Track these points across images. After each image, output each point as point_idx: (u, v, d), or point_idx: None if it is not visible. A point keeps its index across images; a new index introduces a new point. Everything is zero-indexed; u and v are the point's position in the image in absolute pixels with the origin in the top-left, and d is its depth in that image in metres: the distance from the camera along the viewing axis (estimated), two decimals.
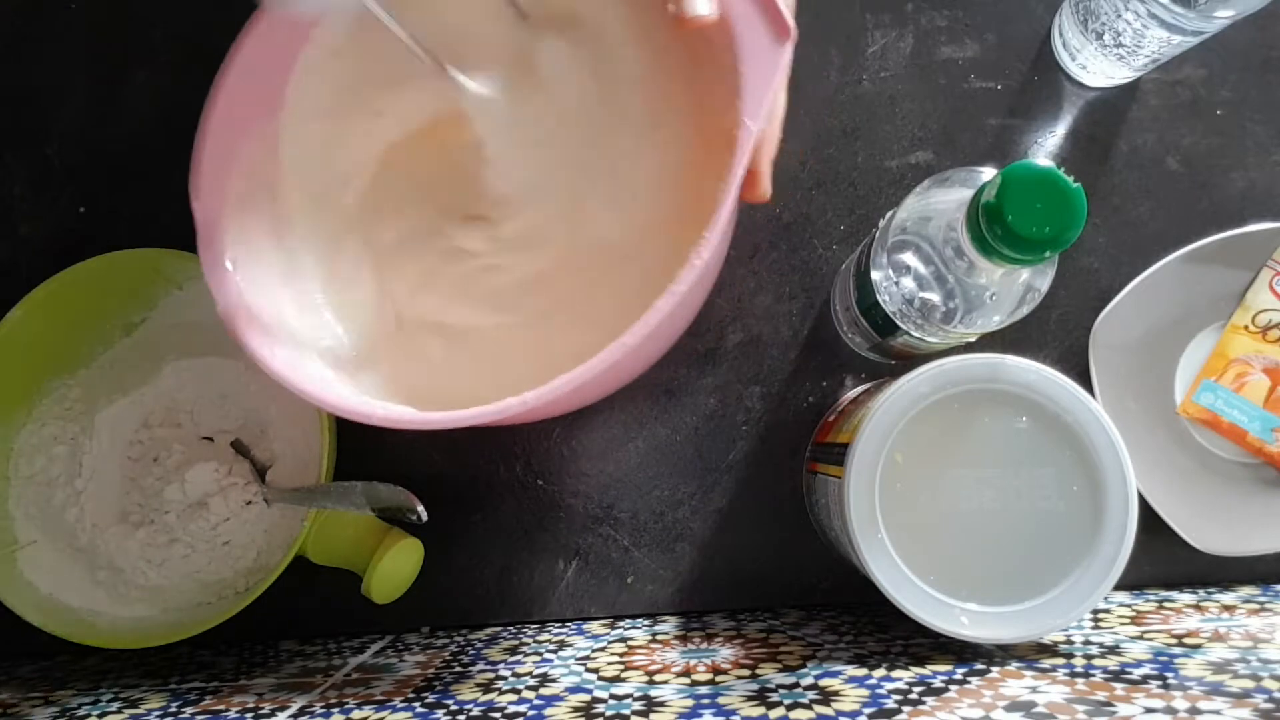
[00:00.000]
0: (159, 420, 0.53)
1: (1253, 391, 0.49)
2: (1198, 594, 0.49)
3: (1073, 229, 0.33)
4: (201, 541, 0.51)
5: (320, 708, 0.41)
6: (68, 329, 0.50)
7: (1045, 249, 0.33)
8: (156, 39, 0.55)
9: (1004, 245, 0.34)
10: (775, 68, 0.38)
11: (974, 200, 0.35)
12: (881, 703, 0.36)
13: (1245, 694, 0.33)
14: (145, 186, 0.54)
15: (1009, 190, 0.33)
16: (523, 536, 0.53)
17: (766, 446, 0.52)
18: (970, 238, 0.35)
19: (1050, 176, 0.33)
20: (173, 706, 0.42)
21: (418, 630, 0.54)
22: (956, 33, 0.53)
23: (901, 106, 0.53)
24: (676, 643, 0.47)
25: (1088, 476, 0.39)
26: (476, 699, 0.40)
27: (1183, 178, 0.52)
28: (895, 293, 0.41)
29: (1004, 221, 0.33)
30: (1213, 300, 0.50)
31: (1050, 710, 0.33)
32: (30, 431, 0.50)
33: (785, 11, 0.38)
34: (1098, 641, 0.41)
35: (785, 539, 0.52)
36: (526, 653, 0.48)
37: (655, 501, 0.53)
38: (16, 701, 0.45)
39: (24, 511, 0.49)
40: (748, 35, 0.39)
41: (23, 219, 0.55)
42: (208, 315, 0.51)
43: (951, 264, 0.38)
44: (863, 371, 0.53)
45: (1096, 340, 0.50)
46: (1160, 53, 0.46)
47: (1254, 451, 0.49)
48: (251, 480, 0.51)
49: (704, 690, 0.39)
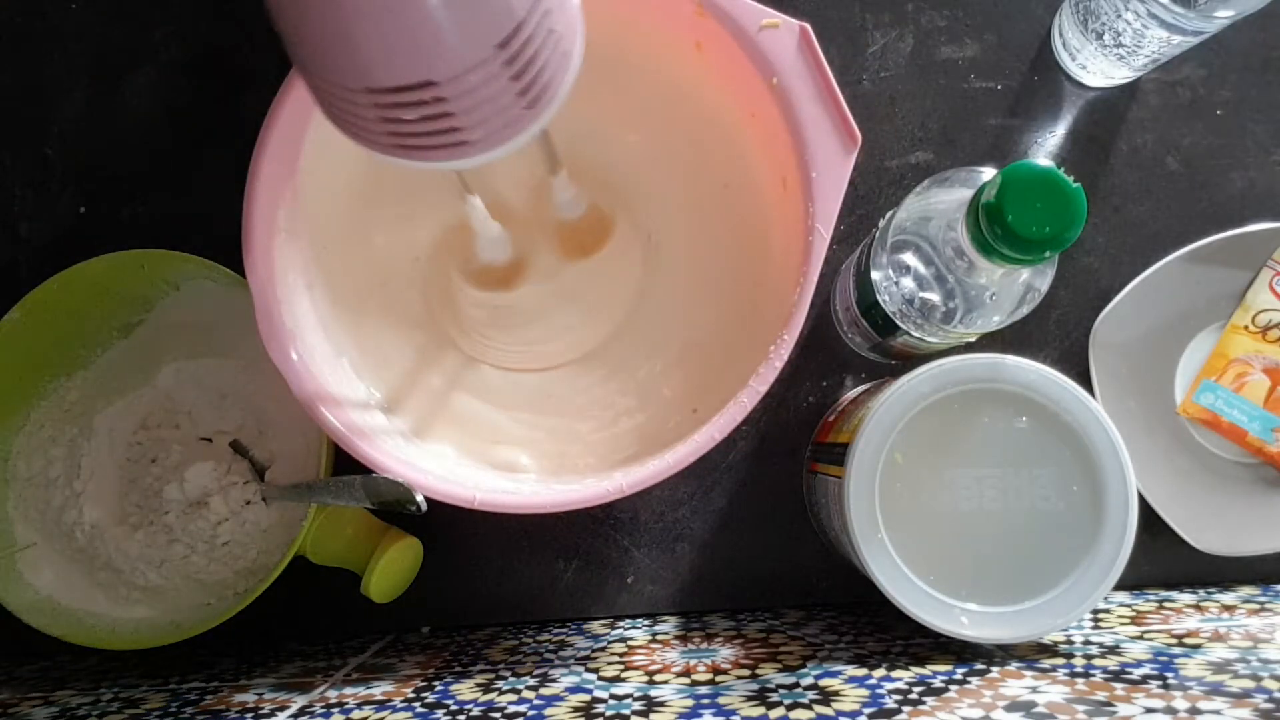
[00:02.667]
0: (157, 421, 0.53)
1: (1253, 391, 0.49)
2: (1198, 594, 0.49)
3: (1073, 229, 0.33)
4: (201, 542, 0.51)
5: (320, 708, 0.41)
6: (66, 330, 0.50)
7: (1045, 249, 0.33)
8: (156, 39, 0.55)
9: (1004, 245, 0.33)
10: (845, 176, 0.39)
11: (974, 200, 0.35)
12: (881, 703, 0.36)
13: (1245, 694, 0.33)
14: (145, 187, 0.54)
15: (1009, 190, 0.33)
16: (523, 536, 0.53)
17: (766, 446, 0.52)
18: (970, 238, 0.35)
19: (1050, 176, 0.33)
20: (173, 706, 0.42)
21: (418, 630, 0.54)
22: (956, 33, 0.53)
23: (901, 106, 0.53)
24: (676, 643, 0.47)
25: (1088, 476, 0.39)
26: (476, 699, 0.40)
27: (1183, 178, 0.52)
28: (895, 293, 0.41)
29: (1004, 221, 0.33)
30: (1213, 300, 0.50)
31: (1050, 710, 0.33)
32: (28, 433, 0.50)
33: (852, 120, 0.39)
34: (1098, 641, 0.41)
35: (785, 539, 0.52)
36: (526, 653, 0.48)
37: (655, 501, 0.53)
38: (16, 701, 0.45)
39: (23, 513, 0.49)
40: (819, 144, 0.40)
41: (23, 219, 0.55)
42: (206, 316, 0.52)
43: (951, 264, 0.38)
44: (863, 371, 0.53)
45: (1096, 340, 0.50)
46: (1160, 53, 0.46)
47: (1254, 451, 0.49)
48: (251, 480, 0.51)
49: (704, 690, 0.39)
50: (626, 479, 0.40)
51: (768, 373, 0.39)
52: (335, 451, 0.47)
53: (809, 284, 0.40)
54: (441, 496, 0.40)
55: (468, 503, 0.40)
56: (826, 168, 0.40)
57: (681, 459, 0.40)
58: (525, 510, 0.40)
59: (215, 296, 0.49)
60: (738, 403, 0.39)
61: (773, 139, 0.42)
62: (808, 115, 0.40)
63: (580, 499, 0.40)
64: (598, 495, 0.40)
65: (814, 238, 0.40)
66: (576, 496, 0.40)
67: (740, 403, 0.39)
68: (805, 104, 0.40)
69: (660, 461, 0.40)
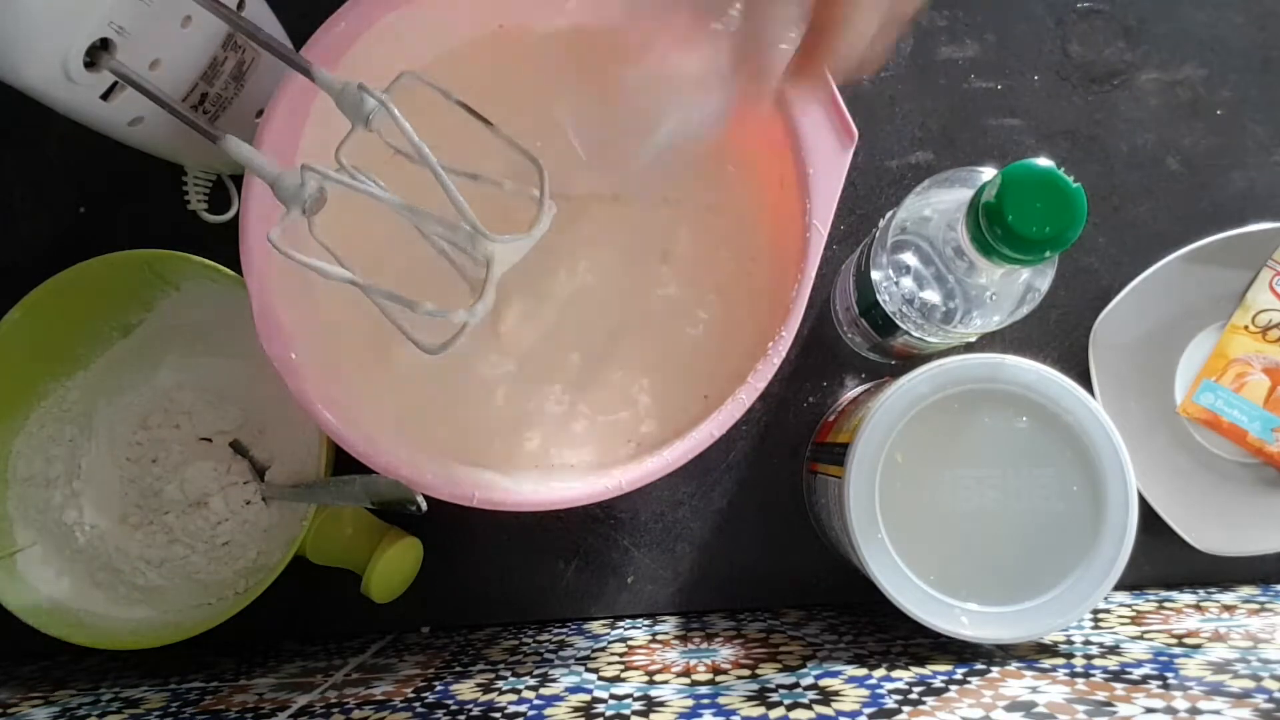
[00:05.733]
0: (157, 421, 0.53)
1: (1253, 391, 0.49)
2: (1198, 594, 0.49)
3: (1073, 229, 0.33)
4: (200, 542, 0.51)
5: (320, 708, 0.41)
6: (66, 330, 0.50)
7: (1045, 249, 0.33)
8: None
9: (1004, 245, 0.33)
10: (842, 173, 0.39)
11: (974, 200, 0.35)
12: (881, 703, 0.36)
13: (1245, 694, 0.33)
14: (145, 187, 0.54)
15: (1009, 190, 0.33)
16: (523, 536, 0.53)
17: (766, 446, 0.52)
18: (970, 238, 0.35)
19: (1050, 176, 0.33)
20: (173, 706, 0.42)
21: (418, 630, 0.54)
22: (956, 33, 0.53)
23: (901, 106, 0.53)
24: (676, 643, 0.47)
25: (1088, 476, 0.39)
26: (476, 699, 0.40)
27: (1183, 178, 0.52)
28: (895, 293, 0.41)
29: (1004, 222, 0.33)
30: (1213, 300, 0.50)
31: (1050, 710, 0.33)
32: (28, 433, 0.50)
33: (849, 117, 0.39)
34: (1098, 641, 0.41)
35: (785, 539, 0.52)
36: (526, 653, 0.48)
37: (655, 501, 0.53)
38: (16, 701, 0.45)
39: (22, 514, 0.49)
40: (816, 141, 0.40)
41: (23, 219, 0.55)
42: (205, 316, 0.52)
43: (951, 264, 0.38)
44: (863, 372, 0.53)
45: (1096, 340, 0.50)
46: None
47: (1254, 451, 0.49)
48: (251, 480, 0.51)
49: (704, 690, 0.39)
50: (626, 477, 0.40)
51: (766, 369, 0.39)
52: (335, 451, 0.47)
53: (807, 281, 0.40)
54: (442, 496, 0.40)
55: (467, 501, 0.40)
56: (824, 165, 0.40)
57: (680, 456, 0.40)
58: (525, 508, 0.40)
59: (215, 296, 0.49)
60: (736, 400, 0.39)
61: (770, 136, 0.42)
62: (805, 112, 0.40)
63: (580, 496, 0.40)
64: (597, 493, 0.40)
65: (811, 235, 0.40)
66: (576, 494, 0.40)
67: (739, 400, 0.39)
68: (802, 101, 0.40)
69: (659, 459, 0.40)
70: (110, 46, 0.36)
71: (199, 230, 0.53)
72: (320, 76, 0.35)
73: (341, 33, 0.41)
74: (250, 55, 0.45)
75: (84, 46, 0.35)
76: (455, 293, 0.36)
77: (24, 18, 0.33)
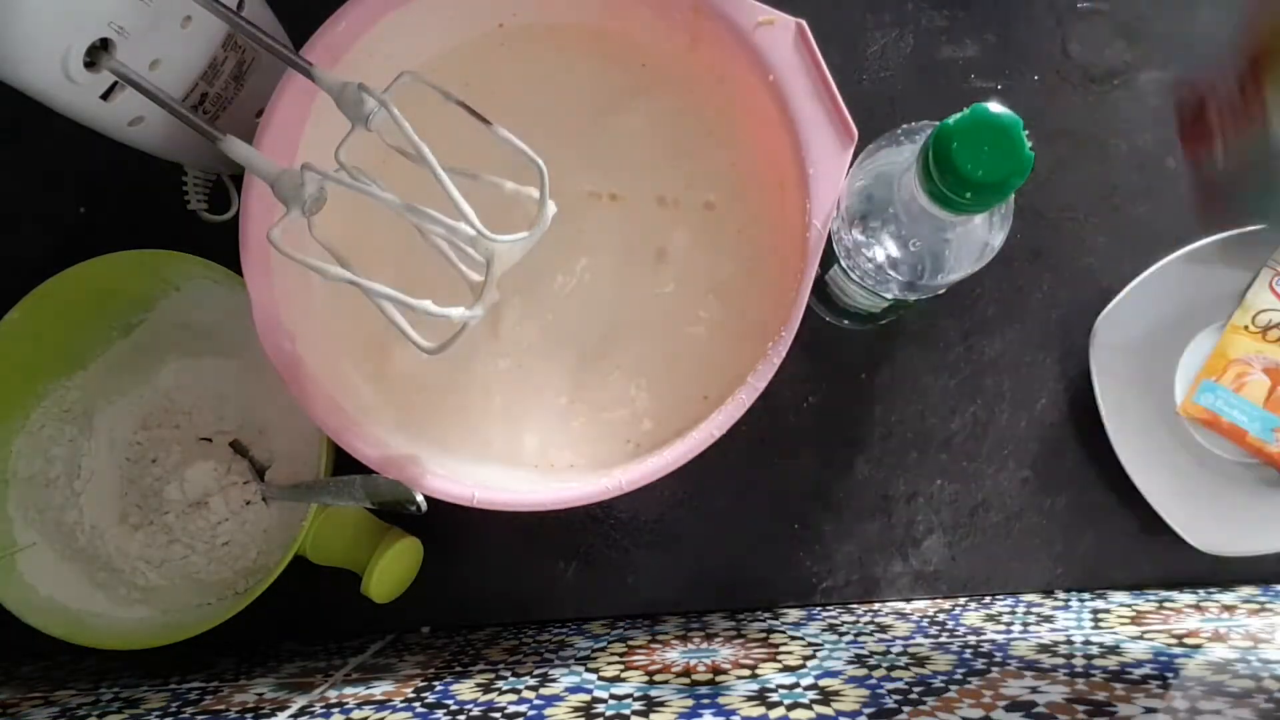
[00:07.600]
0: (158, 421, 0.53)
1: (1253, 391, 0.49)
2: (1198, 594, 0.49)
3: (1019, 165, 0.32)
4: (201, 542, 0.51)
5: (320, 708, 0.41)
6: (66, 330, 0.50)
7: (999, 193, 0.33)
8: None
9: (955, 191, 0.33)
10: (842, 172, 0.39)
11: (922, 152, 0.34)
12: (881, 703, 0.36)
13: (1245, 694, 0.33)
14: (145, 187, 0.54)
15: (953, 138, 0.32)
16: (523, 536, 0.53)
17: (766, 447, 0.52)
18: (925, 190, 0.34)
19: (987, 118, 0.32)
20: (173, 706, 0.42)
21: (418, 630, 0.54)
22: (956, 33, 0.53)
23: (901, 106, 0.53)
24: (676, 643, 0.47)
25: None
26: (476, 699, 0.40)
27: (1183, 178, 0.52)
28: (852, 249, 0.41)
29: (954, 169, 0.32)
30: (1213, 300, 0.50)
31: (1050, 710, 0.33)
32: (28, 433, 0.50)
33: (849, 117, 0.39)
34: (1098, 641, 0.41)
35: (784, 539, 0.52)
36: (526, 653, 0.48)
37: (655, 501, 0.53)
38: (16, 701, 0.45)
39: (23, 514, 0.49)
40: (816, 140, 0.40)
41: (23, 219, 0.55)
42: (206, 316, 0.52)
43: (902, 219, 0.38)
44: (862, 373, 0.53)
45: (1096, 340, 0.50)
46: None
47: (1254, 451, 0.49)
48: (251, 480, 0.51)
49: (704, 690, 0.39)
50: (625, 476, 0.40)
51: (766, 369, 0.39)
52: (335, 451, 0.47)
53: (807, 281, 0.40)
54: (441, 496, 0.40)
55: (467, 501, 0.40)
56: (823, 164, 0.40)
57: (680, 456, 0.40)
58: (524, 508, 0.40)
59: (215, 296, 0.49)
60: (736, 400, 0.40)
61: (770, 135, 0.42)
62: (804, 111, 0.40)
63: (579, 496, 0.40)
64: (597, 493, 0.40)
65: (811, 234, 0.40)
66: (576, 494, 0.40)
67: (739, 399, 0.39)
68: (802, 100, 0.40)
69: (659, 459, 0.40)
70: (110, 46, 0.36)
71: (199, 230, 0.53)
72: (320, 76, 0.35)
73: (341, 33, 0.41)
74: (250, 55, 0.44)
75: (84, 46, 0.35)
76: (455, 293, 0.36)
77: (24, 18, 0.33)
